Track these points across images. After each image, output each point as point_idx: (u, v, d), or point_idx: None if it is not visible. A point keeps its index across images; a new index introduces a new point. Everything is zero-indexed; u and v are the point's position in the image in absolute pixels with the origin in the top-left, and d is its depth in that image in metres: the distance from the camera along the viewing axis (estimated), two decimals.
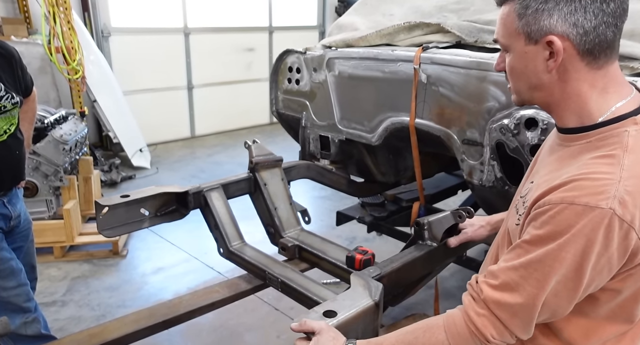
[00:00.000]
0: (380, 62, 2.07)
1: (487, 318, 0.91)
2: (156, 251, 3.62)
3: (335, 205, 4.40)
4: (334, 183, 2.36)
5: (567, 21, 0.84)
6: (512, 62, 0.94)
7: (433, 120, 1.94)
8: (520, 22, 0.88)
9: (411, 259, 1.38)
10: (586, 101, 0.89)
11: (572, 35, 0.84)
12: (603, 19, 0.83)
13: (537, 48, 0.88)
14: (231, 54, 6.70)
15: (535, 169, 1.04)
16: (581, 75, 0.87)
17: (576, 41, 0.84)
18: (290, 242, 1.84)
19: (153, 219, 1.79)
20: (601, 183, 0.80)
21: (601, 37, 0.84)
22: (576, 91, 0.88)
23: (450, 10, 2.15)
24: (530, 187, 0.96)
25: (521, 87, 0.95)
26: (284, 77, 2.52)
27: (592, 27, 0.83)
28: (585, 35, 0.84)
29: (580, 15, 0.83)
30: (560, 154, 0.94)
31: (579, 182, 0.82)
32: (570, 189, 0.82)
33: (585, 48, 0.85)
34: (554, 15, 0.84)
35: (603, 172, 0.81)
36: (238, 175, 1.95)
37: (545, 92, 0.92)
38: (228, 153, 6.03)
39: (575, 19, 0.83)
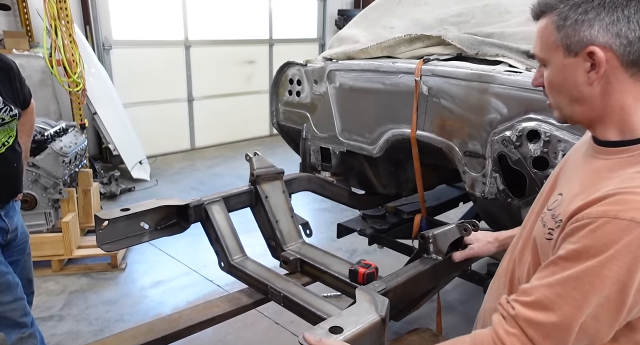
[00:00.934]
0: (381, 74, 2.07)
1: (518, 338, 0.85)
2: (155, 264, 3.59)
3: (335, 218, 4.38)
4: (335, 195, 2.35)
5: (609, 31, 0.82)
6: (551, 76, 0.91)
7: (434, 132, 1.94)
8: (559, 34, 0.86)
9: (416, 273, 1.36)
10: (630, 114, 0.86)
11: (614, 45, 0.82)
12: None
13: (577, 60, 0.85)
14: (232, 66, 6.74)
15: (564, 179, 0.99)
16: (625, 87, 0.84)
17: (619, 52, 0.82)
18: (292, 256, 1.82)
19: (153, 233, 1.76)
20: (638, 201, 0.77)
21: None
22: (620, 104, 0.86)
23: (450, 23, 2.16)
24: (560, 199, 0.92)
25: (561, 102, 0.92)
26: (284, 89, 2.53)
27: (636, 37, 0.81)
28: (629, 46, 0.81)
29: (623, 25, 0.81)
30: (595, 166, 0.90)
31: (623, 195, 0.78)
32: (613, 203, 0.78)
33: (630, 59, 0.82)
34: (595, 26, 0.82)
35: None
36: (239, 188, 1.93)
37: (587, 107, 0.89)
38: (228, 165, 6.03)
39: (618, 29, 0.81)
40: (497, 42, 1.85)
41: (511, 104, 1.70)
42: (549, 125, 1.61)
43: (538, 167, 1.66)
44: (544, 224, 0.93)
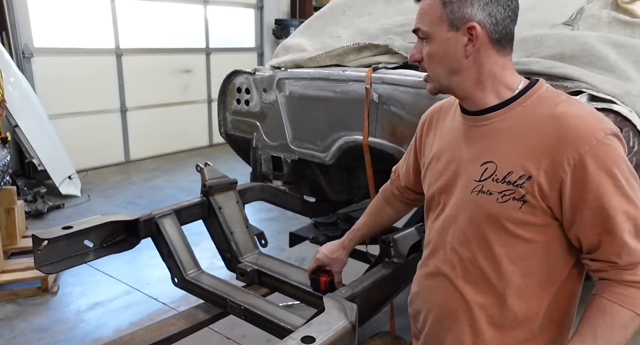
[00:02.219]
0: (331, 82, 2.10)
1: None
2: (92, 285, 3.35)
3: (282, 227, 4.35)
4: (288, 204, 2.33)
5: (484, 11, 0.95)
6: (433, 49, 1.00)
7: (386, 139, 1.99)
8: (445, 10, 0.96)
9: (380, 278, 1.38)
10: (502, 80, 1.00)
11: (487, 23, 0.96)
12: (508, 13, 0.97)
13: (457, 34, 0.97)
14: (167, 75, 6.52)
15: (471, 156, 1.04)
16: (493, 59, 0.98)
17: (490, 29, 0.96)
18: (249, 267, 1.78)
19: (98, 251, 1.65)
20: (591, 116, 0.93)
21: (507, 29, 0.98)
22: (491, 73, 0.99)
23: (395, 32, 2.23)
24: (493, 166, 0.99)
25: (440, 73, 1.02)
26: (232, 98, 2.48)
27: (502, 18, 0.96)
28: (496, 25, 0.96)
29: (494, 7, 0.95)
30: (499, 128, 1.00)
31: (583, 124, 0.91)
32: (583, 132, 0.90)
33: (496, 37, 0.97)
34: (475, 5, 0.95)
35: (577, 110, 0.94)
36: (191, 200, 1.86)
37: (462, 76, 1.00)
38: (167, 177, 5.79)
39: (490, 10, 0.95)
40: None
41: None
42: None
43: None
44: (488, 192, 0.99)
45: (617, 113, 1.48)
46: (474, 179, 1.02)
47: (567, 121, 0.92)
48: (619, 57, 1.69)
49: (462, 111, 1.07)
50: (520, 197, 0.95)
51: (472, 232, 1.04)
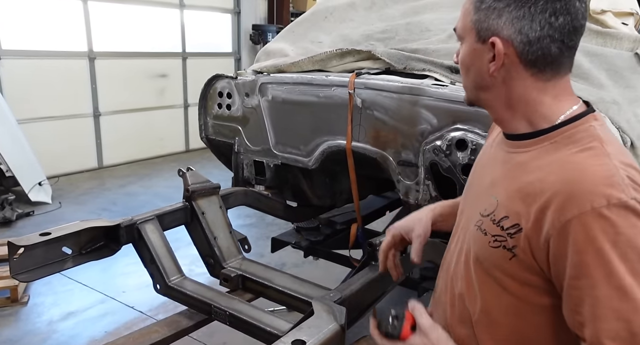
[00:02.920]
0: (315, 87, 2.10)
1: None
2: (64, 294, 3.25)
3: (261, 233, 4.33)
4: (270, 209, 2.32)
5: (513, 26, 0.79)
6: (462, 56, 0.88)
7: (369, 143, 2.00)
8: (475, 16, 0.83)
9: (368, 281, 1.38)
10: (537, 107, 0.83)
11: (515, 42, 0.80)
12: (549, 32, 0.78)
13: (483, 47, 0.83)
14: (143, 79, 6.41)
15: (489, 181, 0.92)
16: (528, 83, 0.82)
17: (519, 49, 0.80)
18: (233, 273, 1.76)
19: (77, 258, 1.61)
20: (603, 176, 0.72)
21: (545, 50, 0.79)
22: (524, 98, 0.83)
23: (376, 39, 2.26)
24: (495, 203, 0.85)
25: (468, 85, 0.90)
26: (213, 103, 2.46)
27: (536, 37, 0.79)
28: (528, 45, 0.79)
29: (526, 22, 0.78)
30: (519, 160, 0.85)
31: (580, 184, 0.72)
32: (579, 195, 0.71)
33: (529, 58, 0.80)
34: (503, 17, 0.80)
35: (594, 165, 0.74)
36: (173, 205, 1.83)
37: (490, 95, 0.87)
38: (142, 183, 5.68)
39: (521, 26, 0.79)
40: (422, 58, 1.98)
41: (440, 115, 1.81)
42: (474, 135, 1.75)
43: (466, 173, 1.78)
44: (483, 232, 0.85)
45: None
46: (479, 211, 0.88)
47: (572, 174, 0.74)
48: (592, 66, 1.76)
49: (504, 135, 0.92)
50: (510, 248, 0.79)
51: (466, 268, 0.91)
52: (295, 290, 1.61)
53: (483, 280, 0.86)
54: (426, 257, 1.69)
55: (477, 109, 1.75)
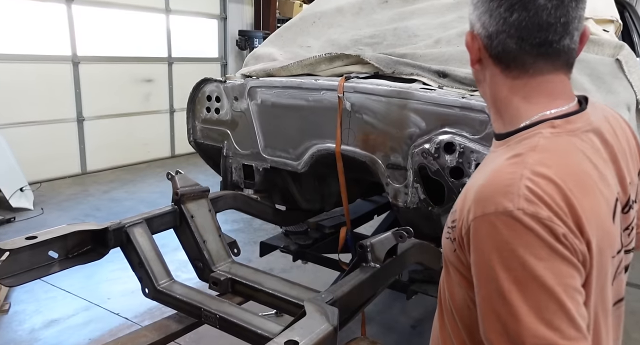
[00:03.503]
0: (304, 91, 2.12)
1: None
2: (47, 302, 3.18)
3: (249, 238, 4.30)
4: (259, 212, 2.31)
5: (479, 20, 0.80)
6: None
7: (358, 147, 2.02)
8: (470, 10, 0.84)
9: (359, 282, 1.39)
10: (507, 106, 0.83)
11: (482, 36, 0.81)
12: (504, 27, 0.78)
13: (465, 39, 0.85)
14: (128, 84, 6.35)
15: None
16: (499, 80, 0.82)
17: (485, 43, 0.81)
18: (222, 276, 1.75)
19: (64, 262, 1.58)
20: (504, 184, 0.72)
21: (503, 46, 0.79)
22: (499, 95, 0.83)
23: (365, 43, 2.28)
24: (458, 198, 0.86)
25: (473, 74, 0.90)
26: (202, 106, 2.45)
27: (495, 32, 0.79)
28: (489, 39, 0.80)
29: (487, 17, 0.79)
30: (486, 160, 0.86)
31: (485, 188, 0.73)
32: (480, 199, 0.73)
33: (493, 53, 0.81)
34: (475, 12, 0.81)
35: (506, 172, 0.74)
36: (162, 208, 1.82)
37: (482, 90, 0.88)
38: (127, 189, 5.61)
39: (484, 20, 0.79)
40: (410, 62, 2.01)
41: (428, 119, 1.84)
42: (462, 138, 1.78)
43: (455, 176, 1.81)
44: (446, 225, 0.86)
45: None
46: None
47: (487, 178, 0.75)
48: (575, 71, 1.79)
49: None
50: (452, 240, 0.80)
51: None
52: (286, 293, 1.61)
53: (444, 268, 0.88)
54: (415, 259, 1.72)
55: (464, 113, 1.79)
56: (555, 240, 0.68)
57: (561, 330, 0.66)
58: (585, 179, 0.75)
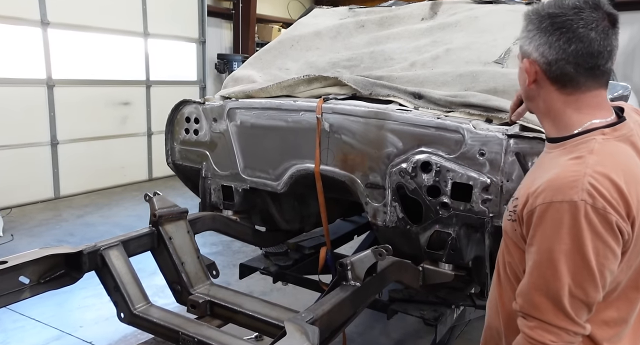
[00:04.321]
0: (283, 112, 2.14)
1: (538, 326, 0.96)
2: (15, 332, 3.04)
3: (228, 261, 4.24)
4: (239, 233, 2.29)
5: (537, 50, 1.01)
6: (518, 72, 1.10)
7: (337, 166, 2.04)
8: (520, 42, 1.06)
9: (339, 301, 1.38)
10: (561, 116, 1.04)
11: (540, 62, 1.01)
12: (563, 56, 0.98)
13: (523, 65, 1.05)
14: (104, 107, 6.28)
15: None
16: (553, 96, 1.03)
17: (543, 68, 1.02)
18: (200, 298, 1.72)
19: (35, 288, 1.53)
20: (571, 179, 0.93)
21: (562, 70, 1.00)
22: (552, 108, 1.05)
23: (342, 66, 2.34)
24: (519, 188, 1.10)
25: (522, 94, 1.14)
26: (180, 128, 2.44)
27: (554, 59, 0.99)
28: (549, 65, 1.00)
29: (546, 48, 1.00)
30: (544, 159, 1.09)
31: (554, 182, 0.95)
32: (549, 189, 0.94)
33: (552, 76, 1.01)
34: (532, 43, 1.02)
35: (572, 170, 0.95)
36: (139, 231, 1.79)
37: (532, 104, 1.10)
38: (102, 213, 5.48)
39: (543, 50, 1.00)
40: (387, 84, 2.06)
41: (405, 139, 1.88)
42: (438, 157, 1.82)
43: (432, 195, 1.84)
44: (507, 208, 1.12)
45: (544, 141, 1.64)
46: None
47: (554, 174, 0.97)
48: None
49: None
50: (514, 220, 1.05)
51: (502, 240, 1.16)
52: (266, 314, 1.59)
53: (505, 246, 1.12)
54: (394, 277, 1.72)
55: (440, 133, 1.84)
56: (607, 227, 0.91)
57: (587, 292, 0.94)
58: (632, 174, 0.96)
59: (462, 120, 1.79)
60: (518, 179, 1.67)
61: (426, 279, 1.86)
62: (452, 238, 1.80)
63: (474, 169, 1.74)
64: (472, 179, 1.74)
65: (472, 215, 1.76)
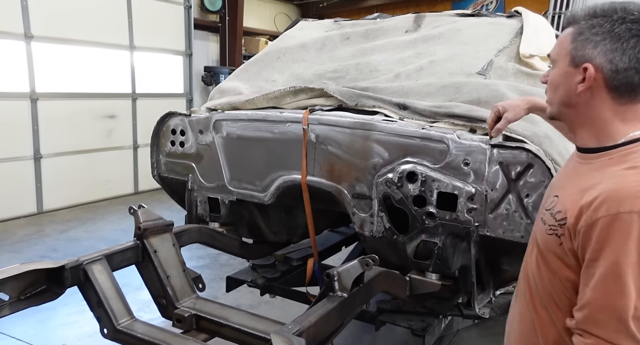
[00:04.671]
0: (269, 124, 2.14)
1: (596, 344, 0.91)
2: None
3: (215, 274, 4.19)
4: (225, 246, 2.27)
5: (605, 56, 0.96)
6: (554, 76, 1.06)
7: (324, 177, 2.04)
8: (572, 45, 1.01)
9: (326, 312, 1.37)
10: (607, 126, 1.01)
11: (605, 69, 0.97)
12: (635, 64, 0.95)
13: (575, 71, 1.00)
14: (89, 120, 6.22)
15: (557, 186, 1.12)
16: (606, 105, 1.00)
17: (607, 75, 0.97)
18: (186, 312, 1.69)
19: (15, 304, 1.50)
20: (636, 190, 0.90)
21: (629, 79, 0.96)
22: (599, 117, 1.01)
23: (328, 78, 2.36)
24: (557, 200, 1.05)
25: (554, 100, 1.08)
26: (166, 140, 2.43)
27: (624, 68, 0.95)
28: (616, 73, 0.96)
29: (618, 54, 0.95)
30: (581, 170, 1.04)
31: (617, 192, 0.91)
32: (612, 200, 0.90)
33: (614, 84, 0.97)
34: (598, 48, 0.97)
35: (634, 180, 0.92)
36: (123, 244, 1.76)
37: (572, 111, 1.05)
38: (86, 227, 5.39)
39: (613, 57, 0.96)
40: (372, 95, 2.08)
41: (391, 149, 1.89)
42: (423, 167, 1.83)
43: (418, 204, 1.85)
44: (544, 222, 1.07)
45: (528, 151, 1.66)
46: (545, 207, 1.10)
47: (614, 184, 0.93)
48: None
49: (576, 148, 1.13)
50: (559, 235, 1.00)
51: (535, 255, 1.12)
52: (253, 328, 1.57)
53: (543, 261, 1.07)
54: (381, 287, 1.72)
55: (425, 143, 1.85)
56: None
57: None
58: None
59: (446, 131, 1.81)
60: (502, 188, 1.69)
61: (413, 289, 1.86)
62: (439, 247, 1.80)
63: (458, 179, 1.76)
64: (457, 188, 1.75)
65: (457, 225, 1.77)
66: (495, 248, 1.77)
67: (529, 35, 2.21)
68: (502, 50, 2.18)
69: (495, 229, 1.71)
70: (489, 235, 1.73)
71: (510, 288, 1.94)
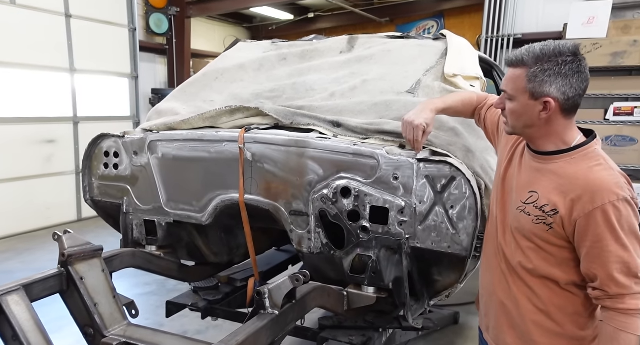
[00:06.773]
0: (205, 143, 2.13)
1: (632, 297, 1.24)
2: None
3: (162, 300, 4.00)
4: (163, 270, 2.20)
5: (559, 90, 1.28)
6: (515, 108, 1.35)
7: (261, 195, 2.04)
8: (530, 85, 1.30)
9: (255, 330, 1.35)
10: (561, 135, 1.35)
11: (560, 99, 1.29)
12: (579, 92, 1.30)
13: (535, 103, 1.31)
14: (26, 146, 5.92)
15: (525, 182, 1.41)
16: (560, 122, 1.33)
17: (562, 103, 1.30)
18: (115, 341, 1.61)
19: None
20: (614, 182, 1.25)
21: (576, 102, 1.31)
22: (555, 130, 1.34)
23: (265, 97, 2.38)
24: (536, 195, 1.36)
25: (517, 125, 1.38)
26: (99, 163, 2.36)
27: (572, 96, 1.29)
28: (567, 100, 1.30)
29: (567, 88, 1.28)
30: (551, 168, 1.35)
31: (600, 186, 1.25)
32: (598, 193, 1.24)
33: (565, 108, 1.31)
34: (553, 86, 1.28)
35: (607, 175, 1.27)
36: (45, 272, 1.67)
37: (534, 129, 1.36)
38: (22, 259, 5.07)
39: (565, 90, 1.28)
40: (307, 114, 2.11)
41: (325, 166, 1.92)
42: (356, 182, 1.87)
43: (352, 219, 1.88)
44: (528, 214, 1.37)
45: (451, 165, 1.74)
46: (521, 200, 1.40)
47: (595, 180, 1.26)
48: (450, 119, 2.01)
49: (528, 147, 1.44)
50: (548, 224, 1.32)
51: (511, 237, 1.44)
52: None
53: (526, 244, 1.39)
54: (316, 303, 1.72)
55: (356, 159, 1.90)
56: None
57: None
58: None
59: (376, 147, 1.86)
60: (429, 200, 1.75)
61: (351, 303, 1.87)
62: (373, 261, 1.83)
63: (389, 193, 1.81)
64: (388, 202, 1.80)
65: (390, 238, 1.81)
66: (426, 259, 1.82)
67: (453, 56, 2.34)
68: (430, 70, 2.29)
69: (425, 240, 1.76)
70: (420, 246, 1.78)
71: (443, 298, 1.99)
